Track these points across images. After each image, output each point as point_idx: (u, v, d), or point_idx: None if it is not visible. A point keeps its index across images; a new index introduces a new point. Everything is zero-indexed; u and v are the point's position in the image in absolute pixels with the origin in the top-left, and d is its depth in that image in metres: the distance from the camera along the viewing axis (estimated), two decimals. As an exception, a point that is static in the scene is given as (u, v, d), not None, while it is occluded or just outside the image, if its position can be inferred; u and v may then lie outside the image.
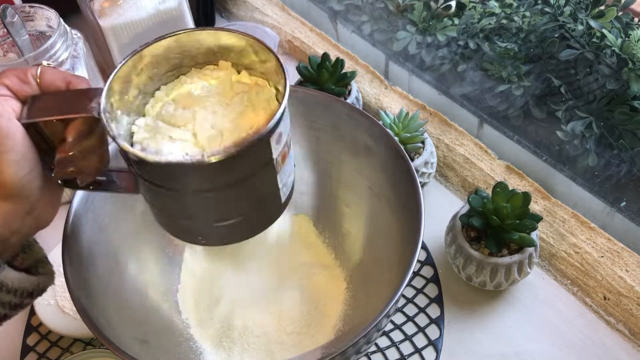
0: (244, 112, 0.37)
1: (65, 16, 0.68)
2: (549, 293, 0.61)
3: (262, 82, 0.38)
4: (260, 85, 0.38)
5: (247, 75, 0.39)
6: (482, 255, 0.57)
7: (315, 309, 0.56)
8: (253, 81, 0.39)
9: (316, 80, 0.70)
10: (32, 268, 0.43)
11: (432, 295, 0.61)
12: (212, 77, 0.39)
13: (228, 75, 0.39)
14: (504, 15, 0.72)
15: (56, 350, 0.60)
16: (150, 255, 0.56)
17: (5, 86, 0.36)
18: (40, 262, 0.44)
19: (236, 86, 0.38)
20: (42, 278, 0.42)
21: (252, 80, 0.39)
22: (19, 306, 0.41)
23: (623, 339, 0.57)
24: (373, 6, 0.84)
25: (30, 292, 0.41)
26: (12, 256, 0.41)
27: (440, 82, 0.77)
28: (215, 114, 0.37)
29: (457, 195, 0.70)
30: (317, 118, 0.56)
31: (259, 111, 0.36)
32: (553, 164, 0.68)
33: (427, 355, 0.57)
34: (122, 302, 0.51)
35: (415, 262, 0.44)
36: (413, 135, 0.64)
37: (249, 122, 0.36)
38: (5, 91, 0.36)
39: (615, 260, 0.60)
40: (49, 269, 0.44)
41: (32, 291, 0.42)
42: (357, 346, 0.43)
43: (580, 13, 0.65)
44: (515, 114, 0.71)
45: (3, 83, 0.36)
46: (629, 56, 0.61)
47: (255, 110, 0.37)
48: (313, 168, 0.60)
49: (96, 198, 0.50)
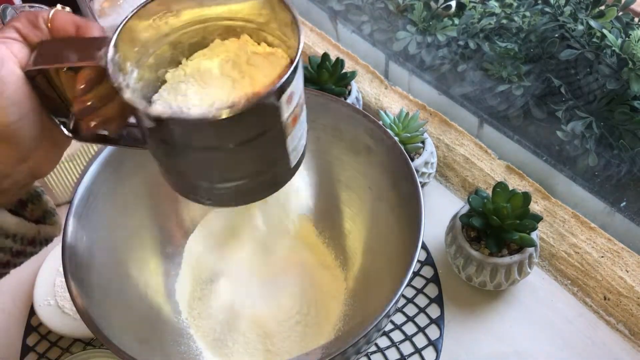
0: (258, 80, 0.36)
1: (65, 16, 0.68)
2: (549, 293, 0.61)
3: (281, 52, 0.37)
4: (277, 55, 0.37)
5: (265, 46, 0.38)
6: (482, 255, 0.56)
7: (315, 309, 0.56)
8: (271, 51, 0.37)
9: (316, 80, 0.70)
10: (41, 219, 0.43)
11: (432, 295, 0.61)
12: (229, 49, 0.38)
13: (246, 47, 0.38)
14: (504, 15, 0.72)
15: (56, 350, 0.60)
16: (150, 255, 0.56)
17: (15, 29, 0.35)
18: (48, 213, 0.43)
19: (253, 58, 0.37)
20: (44, 227, 0.42)
21: (270, 50, 0.37)
22: (22, 254, 0.41)
23: (623, 339, 0.57)
24: (373, 6, 0.84)
25: (31, 240, 0.41)
26: (21, 206, 0.40)
27: (441, 82, 0.77)
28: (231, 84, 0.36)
29: (457, 195, 0.70)
30: (317, 118, 0.56)
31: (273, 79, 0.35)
32: (553, 164, 0.68)
33: (427, 355, 0.57)
34: (122, 302, 0.51)
35: (415, 262, 0.44)
36: (413, 135, 0.64)
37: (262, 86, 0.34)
38: (13, 34, 0.35)
39: (616, 260, 0.60)
40: (56, 220, 0.44)
41: (33, 238, 0.41)
42: (357, 346, 0.43)
43: (580, 13, 0.65)
44: (515, 114, 0.71)
45: (13, 26, 0.35)
46: (629, 56, 0.61)
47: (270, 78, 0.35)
48: (313, 168, 0.60)
49: (96, 198, 0.50)
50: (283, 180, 0.39)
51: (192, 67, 0.38)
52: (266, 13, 0.37)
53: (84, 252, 0.48)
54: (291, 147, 0.36)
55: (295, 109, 0.35)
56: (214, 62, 0.37)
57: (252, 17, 0.38)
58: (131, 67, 0.35)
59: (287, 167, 0.38)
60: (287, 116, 0.34)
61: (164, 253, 0.58)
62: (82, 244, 0.48)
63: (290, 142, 0.36)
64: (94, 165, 0.51)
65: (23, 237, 0.40)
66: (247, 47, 0.38)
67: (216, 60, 0.37)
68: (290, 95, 0.33)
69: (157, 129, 0.34)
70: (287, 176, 0.39)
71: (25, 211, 0.41)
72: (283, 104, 0.33)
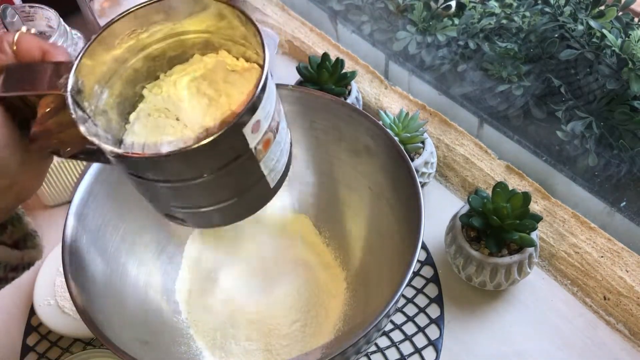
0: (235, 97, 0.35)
1: (65, 16, 0.68)
2: (549, 293, 0.61)
3: (257, 68, 0.37)
4: (253, 71, 0.37)
5: (243, 62, 0.37)
6: (482, 255, 0.57)
7: (315, 309, 0.56)
8: (248, 67, 0.37)
9: (316, 80, 0.70)
10: (21, 242, 0.42)
11: (432, 295, 0.61)
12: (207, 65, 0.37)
13: (223, 63, 0.37)
14: (504, 15, 0.72)
15: (56, 350, 0.60)
16: (150, 255, 0.56)
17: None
18: (29, 235, 0.42)
19: (230, 75, 0.37)
20: (28, 252, 0.41)
21: (247, 66, 0.37)
22: (4, 280, 0.40)
23: (623, 339, 0.57)
24: (373, 6, 0.84)
25: (15, 267, 0.40)
26: (0, 228, 0.39)
27: (440, 82, 0.77)
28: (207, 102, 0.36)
29: (457, 195, 0.70)
30: (317, 118, 0.56)
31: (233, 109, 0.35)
32: (553, 164, 0.68)
33: (427, 355, 0.57)
34: (122, 302, 0.51)
35: (415, 262, 0.44)
36: (413, 135, 0.64)
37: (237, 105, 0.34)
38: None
39: (615, 260, 0.60)
40: (37, 243, 0.43)
41: (17, 265, 0.40)
42: (357, 346, 0.43)
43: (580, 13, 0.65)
44: (515, 114, 0.71)
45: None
46: (629, 56, 0.61)
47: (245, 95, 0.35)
48: (313, 168, 0.60)
49: (96, 198, 0.50)
50: (264, 200, 0.38)
51: (168, 85, 0.37)
52: (224, 26, 0.37)
53: (84, 252, 0.48)
54: (267, 170, 0.36)
55: (265, 135, 0.34)
56: (190, 81, 0.37)
57: (214, 29, 0.37)
58: (99, 88, 0.35)
59: (267, 188, 0.37)
60: (255, 143, 0.33)
61: (164, 253, 0.58)
62: (82, 244, 0.48)
63: (265, 165, 0.35)
64: (94, 165, 0.51)
65: (7, 265, 0.40)
66: (225, 63, 0.37)
67: (193, 77, 0.37)
68: (257, 124, 0.33)
69: (118, 163, 0.33)
70: (268, 196, 0.38)
71: (4, 234, 0.40)
72: (248, 134, 0.32)
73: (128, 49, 0.36)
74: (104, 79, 0.36)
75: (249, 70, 0.37)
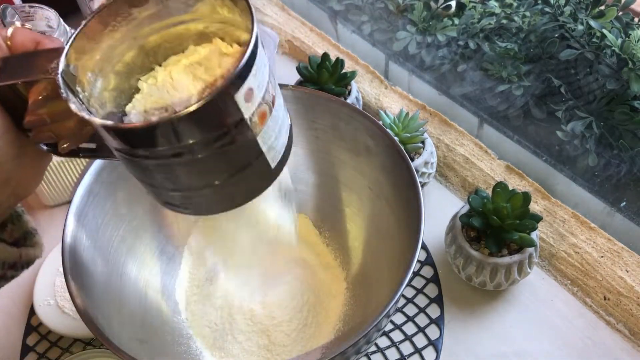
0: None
1: (65, 16, 0.68)
2: (549, 293, 0.61)
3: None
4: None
5: (237, 47, 0.37)
6: (482, 255, 0.56)
7: (315, 309, 0.56)
8: (242, 49, 0.36)
9: (316, 80, 0.70)
10: (21, 240, 0.42)
11: (432, 295, 0.61)
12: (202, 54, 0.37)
13: (218, 50, 0.37)
14: (504, 15, 0.72)
15: (56, 350, 0.60)
16: (150, 255, 0.56)
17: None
18: (28, 233, 0.42)
19: (224, 59, 0.36)
20: (26, 250, 0.41)
21: (242, 49, 0.36)
22: (3, 278, 0.40)
23: (623, 339, 0.57)
24: (373, 6, 0.84)
25: (13, 264, 0.40)
26: (0, 227, 0.39)
27: (440, 82, 0.77)
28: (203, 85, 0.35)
29: (457, 195, 0.70)
30: (317, 118, 0.56)
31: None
32: (553, 164, 0.68)
33: (427, 355, 0.57)
34: (121, 302, 0.51)
35: (415, 262, 0.44)
36: (413, 135, 0.64)
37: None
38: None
39: (615, 260, 0.60)
40: (37, 241, 0.43)
41: (15, 263, 0.40)
42: (357, 346, 0.43)
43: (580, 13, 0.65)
44: (515, 114, 0.71)
45: None
46: (629, 56, 0.61)
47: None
48: (313, 168, 0.60)
49: (96, 198, 0.50)
50: (265, 182, 0.37)
51: (164, 72, 0.37)
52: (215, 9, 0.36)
53: (84, 252, 0.48)
54: (265, 146, 0.35)
55: (260, 107, 0.33)
56: (186, 67, 0.36)
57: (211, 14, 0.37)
58: (93, 76, 0.35)
59: (267, 168, 0.36)
60: (250, 114, 0.32)
61: (164, 253, 0.58)
62: (82, 244, 0.48)
63: (263, 141, 0.34)
64: (94, 165, 0.51)
65: (4, 262, 0.39)
66: (219, 50, 0.37)
67: (188, 64, 0.37)
68: (249, 91, 0.32)
69: (110, 141, 0.33)
70: (269, 178, 0.37)
71: (4, 232, 0.40)
72: (240, 102, 0.31)
73: (121, 37, 0.36)
74: (98, 67, 0.35)
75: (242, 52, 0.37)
